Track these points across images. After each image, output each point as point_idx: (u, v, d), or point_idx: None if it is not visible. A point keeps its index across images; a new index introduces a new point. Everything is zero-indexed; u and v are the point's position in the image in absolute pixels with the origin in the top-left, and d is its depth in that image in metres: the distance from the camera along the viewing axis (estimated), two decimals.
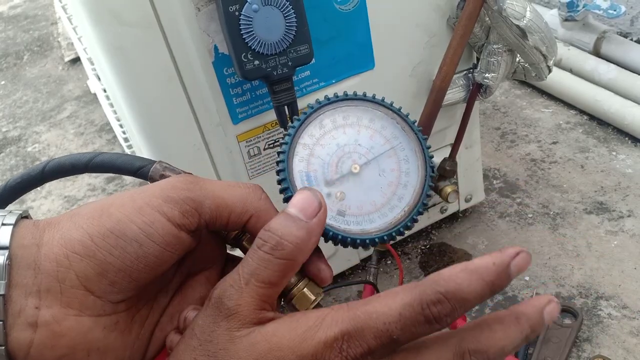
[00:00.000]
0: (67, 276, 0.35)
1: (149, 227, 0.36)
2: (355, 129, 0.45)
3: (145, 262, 0.37)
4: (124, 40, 0.64)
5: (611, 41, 1.40)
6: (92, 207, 0.37)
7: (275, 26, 0.63)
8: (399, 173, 0.44)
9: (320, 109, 0.44)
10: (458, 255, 1.06)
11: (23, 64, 2.21)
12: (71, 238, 0.35)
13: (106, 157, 0.44)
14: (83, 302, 0.36)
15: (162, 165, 0.44)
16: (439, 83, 0.81)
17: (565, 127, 1.32)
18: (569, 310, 0.91)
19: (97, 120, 1.73)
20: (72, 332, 0.35)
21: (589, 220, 1.07)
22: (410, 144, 0.45)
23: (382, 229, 0.43)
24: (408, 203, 0.44)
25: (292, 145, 0.43)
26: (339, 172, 0.43)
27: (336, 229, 0.42)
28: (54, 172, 0.44)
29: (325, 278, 0.43)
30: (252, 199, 0.40)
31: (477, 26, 0.80)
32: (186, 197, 0.38)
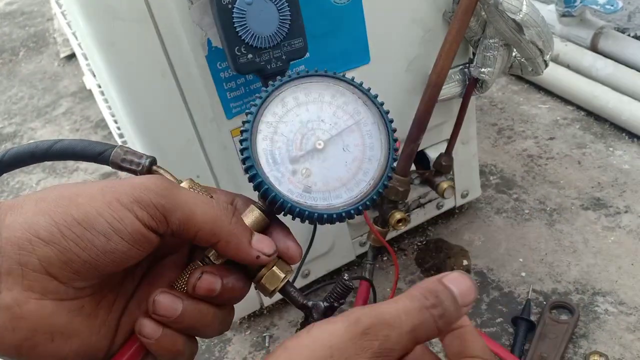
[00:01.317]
0: (30, 260, 0.34)
1: (118, 223, 0.36)
2: (317, 105, 0.45)
3: (112, 257, 0.36)
4: (117, 34, 0.63)
5: (608, 37, 1.39)
6: (59, 194, 0.37)
7: (269, 19, 0.62)
8: (363, 147, 0.45)
9: (282, 86, 0.44)
10: (454, 251, 1.05)
11: (19, 60, 2.20)
12: (35, 223, 0.35)
13: (66, 143, 0.43)
14: (45, 286, 0.35)
15: (123, 149, 0.43)
16: (434, 78, 0.81)
17: (562, 123, 1.32)
18: (566, 306, 0.90)
19: (93, 116, 1.72)
20: (34, 315, 0.35)
21: (585, 216, 1.07)
22: (373, 118, 0.45)
23: (349, 203, 0.43)
24: (373, 177, 0.44)
25: (255, 124, 0.43)
26: (304, 149, 0.43)
27: (302, 206, 0.42)
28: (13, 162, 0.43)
29: (293, 256, 0.43)
30: (222, 223, 0.39)
31: (473, 20, 0.79)
32: (157, 202, 0.37)
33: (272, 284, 0.43)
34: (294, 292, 0.44)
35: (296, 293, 0.44)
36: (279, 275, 0.43)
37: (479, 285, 0.98)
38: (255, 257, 0.41)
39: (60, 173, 1.51)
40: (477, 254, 1.04)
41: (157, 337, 0.39)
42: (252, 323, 1.00)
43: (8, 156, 0.43)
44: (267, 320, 1.00)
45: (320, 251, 0.95)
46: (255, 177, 0.42)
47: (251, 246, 0.40)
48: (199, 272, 0.41)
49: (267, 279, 0.43)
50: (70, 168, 1.52)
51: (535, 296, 0.94)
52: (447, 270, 0.99)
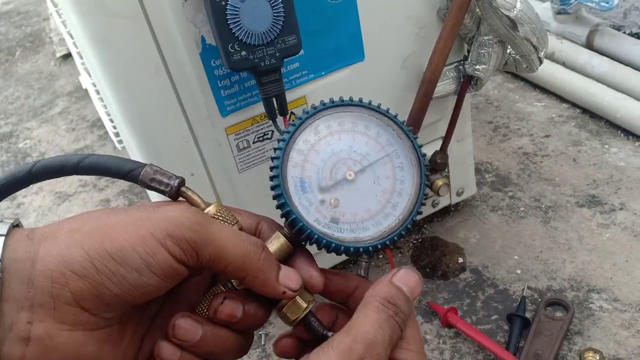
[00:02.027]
0: (62, 293, 0.35)
1: (151, 258, 0.36)
2: (350, 135, 0.44)
3: (143, 290, 0.37)
4: (110, 31, 0.63)
5: (604, 34, 1.39)
6: (94, 226, 0.37)
7: (262, 16, 0.62)
8: (394, 181, 0.44)
9: (316, 114, 0.44)
10: (450, 249, 1.05)
11: (15, 60, 2.19)
12: (70, 257, 0.35)
13: (95, 158, 0.43)
14: (76, 318, 0.36)
15: (152, 168, 0.43)
16: (429, 75, 0.81)
17: (557, 121, 1.32)
18: (561, 303, 0.91)
19: (89, 116, 1.72)
20: (65, 346, 0.36)
21: (580, 213, 1.07)
22: (405, 151, 0.45)
23: (376, 237, 0.43)
24: (402, 211, 0.43)
25: (287, 151, 0.42)
26: (333, 179, 0.43)
27: (329, 237, 0.42)
28: (41, 174, 0.43)
29: (316, 285, 0.43)
30: (252, 259, 0.40)
31: (468, 17, 0.79)
32: (190, 237, 0.38)
33: (293, 314, 0.43)
34: (314, 322, 0.44)
35: (317, 323, 0.44)
36: (301, 305, 0.43)
37: (474, 283, 0.98)
38: (281, 293, 0.41)
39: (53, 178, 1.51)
40: (473, 251, 1.04)
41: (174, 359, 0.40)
42: None
43: (37, 168, 0.43)
44: None
45: (315, 249, 0.95)
46: (284, 205, 0.41)
47: (278, 282, 0.41)
48: (221, 297, 0.41)
49: (289, 309, 0.43)
50: None
51: (530, 293, 0.94)
52: (443, 268, 1.00)
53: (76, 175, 0.44)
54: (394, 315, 0.39)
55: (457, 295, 0.97)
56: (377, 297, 0.40)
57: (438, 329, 0.92)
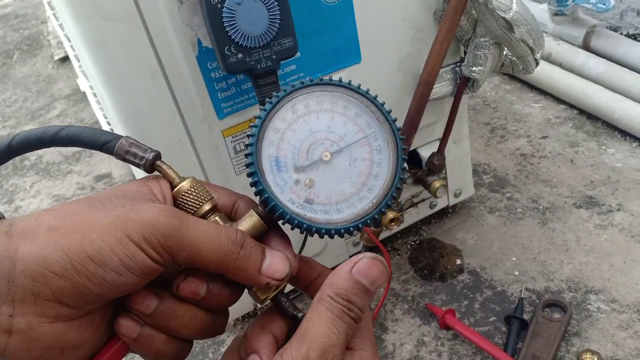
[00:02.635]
0: (43, 291, 0.36)
1: (130, 260, 0.37)
2: (329, 115, 0.44)
3: (122, 288, 0.38)
4: (106, 34, 0.63)
5: (601, 35, 1.39)
6: (72, 227, 0.37)
7: (258, 19, 0.62)
8: (371, 163, 0.43)
9: (294, 92, 0.43)
10: (448, 250, 1.05)
11: (13, 63, 2.20)
12: (49, 258, 0.36)
13: (72, 130, 0.44)
14: (57, 312, 0.37)
15: (128, 141, 0.43)
16: (425, 77, 0.81)
17: (554, 122, 1.32)
18: (558, 305, 0.91)
19: (87, 118, 1.72)
20: (47, 336, 0.36)
21: (578, 214, 1.07)
22: (383, 134, 0.44)
23: (349, 220, 0.42)
24: (377, 195, 0.43)
25: (262, 129, 0.42)
26: (309, 159, 0.43)
27: (302, 218, 0.41)
28: (20, 147, 0.44)
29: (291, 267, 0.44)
30: (229, 258, 0.40)
31: (464, 19, 0.79)
32: (164, 243, 0.38)
33: (264, 293, 0.43)
34: (285, 301, 0.44)
35: (287, 303, 0.44)
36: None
37: (472, 285, 0.98)
38: (264, 284, 0.41)
39: (54, 176, 1.51)
40: (470, 253, 1.04)
41: (134, 336, 0.41)
42: (245, 324, 0.99)
43: (16, 141, 0.44)
44: None
45: (313, 251, 0.95)
46: (257, 184, 0.41)
47: (260, 274, 0.41)
48: (184, 274, 0.42)
49: (259, 288, 0.43)
50: (64, 171, 1.52)
51: (528, 295, 0.94)
52: (441, 270, 1.00)
53: (54, 147, 0.44)
54: (349, 311, 0.40)
55: (455, 297, 0.97)
56: (331, 291, 0.40)
57: (436, 330, 0.92)
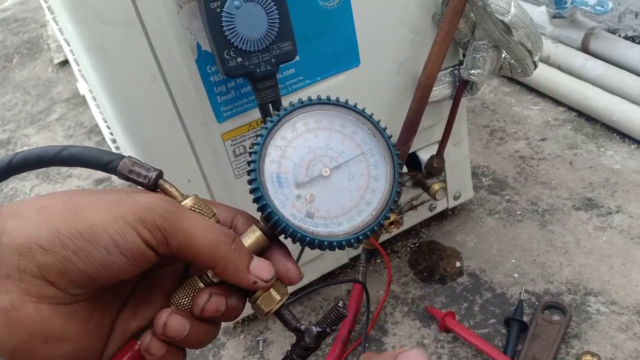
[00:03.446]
0: (28, 266, 0.35)
1: (121, 238, 0.37)
2: (327, 133, 0.45)
3: (109, 270, 0.37)
4: (106, 39, 0.63)
5: (599, 37, 1.40)
6: (64, 205, 0.37)
7: (257, 23, 0.63)
8: (368, 178, 0.45)
9: (294, 111, 0.45)
10: (447, 253, 1.06)
11: (12, 66, 2.20)
12: (37, 232, 0.35)
13: (74, 150, 0.43)
14: (42, 291, 0.36)
15: (131, 160, 0.43)
16: (424, 80, 0.81)
17: (553, 124, 1.32)
18: (558, 307, 0.91)
19: (87, 122, 1.72)
20: (30, 319, 0.35)
21: (577, 216, 1.08)
22: (380, 150, 0.46)
23: (350, 232, 0.44)
24: (376, 208, 0.45)
25: (264, 146, 0.43)
26: (310, 175, 0.44)
27: (304, 231, 0.43)
28: (21, 165, 0.44)
29: (293, 278, 0.44)
30: (221, 249, 0.40)
31: (462, 22, 0.80)
32: (160, 224, 0.38)
33: (267, 306, 0.43)
34: (288, 314, 0.45)
35: (290, 316, 0.45)
36: (274, 298, 0.43)
37: (471, 287, 0.98)
38: (252, 283, 0.41)
39: (54, 179, 1.51)
40: (470, 255, 1.04)
41: (161, 354, 0.41)
42: (245, 327, 1.00)
43: (17, 159, 0.44)
44: (261, 324, 1.00)
45: (313, 254, 0.95)
46: (260, 199, 0.42)
47: (249, 272, 0.41)
48: (207, 294, 0.41)
49: (263, 301, 0.43)
50: (64, 174, 1.52)
51: (527, 297, 0.94)
52: (440, 272, 1.00)
53: (55, 166, 0.44)
54: None
55: (454, 299, 0.97)
56: None
57: (436, 333, 0.92)
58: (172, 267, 0.45)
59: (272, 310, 0.44)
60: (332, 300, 1.01)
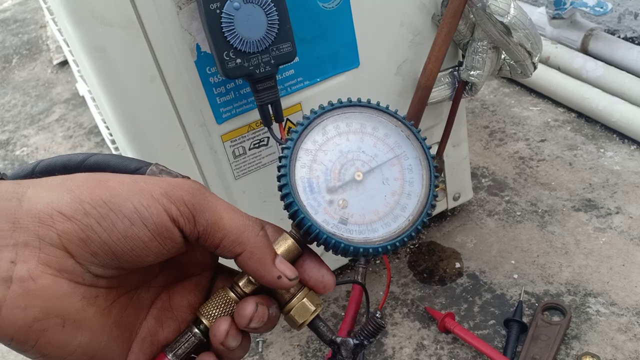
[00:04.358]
0: (48, 234, 0.33)
1: (145, 210, 0.35)
2: (358, 136, 0.44)
3: (132, 244, 0.35)
4: (105, 40, 0.63)
5: (599, 39, 1.40)
6: (88, 176, 0.36)
7: (257, 24, 0.63)
8: (403, 182, 0.43)
9: (323, 114, 0.43)
10: (447, 254, 1.06)
11: (12, 67, 2.20)
12: (59, 199, 0.34)
13: (99, 158, 0.43)
14: (62, 263, 0.34)
15: (158, 167, 0.43)
16: (424, 81, 0.81)
17: (553, 125, 1.32)
18: (558, 308, 0.91)
19: (86, 123, 1.72)
20: (48, 292, 0.33)
21: (577, 217, 1.07)
22: (414, 152, 0.44)
23: (386, 239, 0.42)
24: (412, 212, 0.43)
25: (295, 151, 0.42)
26: (342, 180, 0.42)
27: (339, 238, 0.41)
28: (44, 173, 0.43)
29: (328, 285, 0.42)
30: (249, 233, 0.38)
31: (462, 23, 0.80)
32: (187, 200, 0.36)
33: (301, 317, 0.42)
34: (323, 326, 0.43)
35: (325, 328, 0.43)
36: (309, 308, 0.41)
37: (471, 288, 0.98)
38: (276, 277, 0.39)
39: None
40: (470, 256, 1.04)
41: None
42: None
43: (40, 167, 0.43)
44: None
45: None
46: (292, 205, 0.41)
47: (274, 265, 0.39)
48: (253, 304, 0.40)
49: (297, 311, 0.41)
50: None
51: (527, 298, 0.94)
52: (440, 273, 1.00)
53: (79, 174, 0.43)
54: None
55: (454, 300, 0.97)
56: None
57: (435, 334, 0.92)
58: (198, 278, 0.44)
59: (307, 322, 0.42)
60: (331, 302, 1.01)
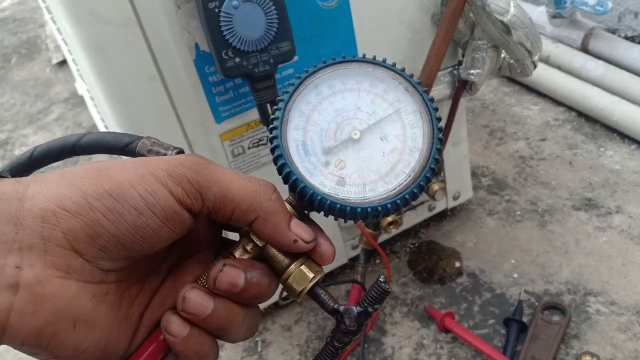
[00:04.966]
0: (53, 233, 0.32)
1: (151, 196, 0.34)
2: (355, 94, 0.41)
3: (142, 233, 0.34)
4: (104, 39, 0.63)
5: (599, 38, 1.40)
6: (88, 167, 0.35)
7: (255, 23, 0.62)
8: (404, 138, 0.41)
9: (316, 72, 0.41)
10: (447, 253, 1.05)
11: (11, 66, 2.20)
12: (62, 194, 0.33)
13: (93, 136, 0.42)
14: (70, 263, 0.33)
15: (150, 140, 0.42)
16: (423, 80, 0.81)
17: (553, 124, 1.32)
18: (558, 307, 0.90)
19: (85, 122, 1.72)
20: (57, 296, 0.32)
21: (577, 216, 1.07)
22: (415, 106, 0.41)
23: (386, 197, 0.39)
24: (414, 168, 0.40)
25: (286, 112, 0.40)
26: (338, 139, 0.40)
27: (334, 198, 0.39)
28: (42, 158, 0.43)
29: (326, 254, 0.40)
30: (261, 199, 0.37)
31: (462, 22, 0.79)
32: (192, 177, 0.35)
33: (299, 285, 0.39)
34: (323, 294, 0.40)
35: (326, 296, 0.41)
36: (307, 275, 0.39)
37: (471, 288, 0.98)
38: (292, 241, 0.38)
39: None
40: (469, 255, 1.04)
41: (184, 335, 0.37)
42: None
43: (37, 152, 0.43)
44: (260, 325, 0.99)
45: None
46: (284, 167, 0.39)
47: (290, 229, 0.38)
48: (220, 264, 0.37)
49: (295, 279, 0.39)
50: None
51: (527, 297, 0.94)
52: (440, 272, 1.00)
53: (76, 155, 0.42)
54: None
55: (454, 299, 0.97)
56: None
57: (435, 333, 0.92)
58: (204, 253, 0.42)
59: (306, 290, 0.40)
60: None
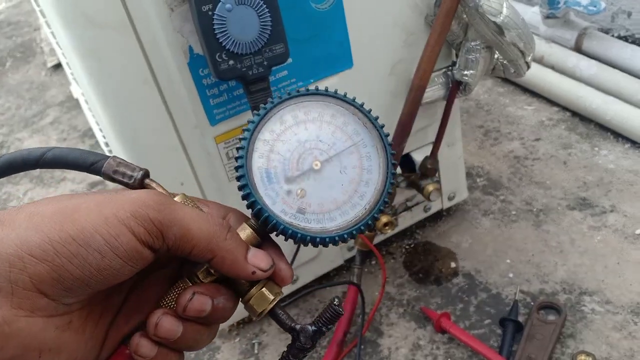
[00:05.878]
0: (20, 278, 0.34)
1: (114, 240, 0.35)
2: (316, 124, 0.44)
3: (105, 274, 0.36)
4: (97, 42, 0.63)
5: (592, 37, 1.40)
6: (54, 209, 0.36)
7: (249, 25, 0.63)
8: (361, 170, 0.44)
9: (281, 103, 0.43)
10: (442, 253, 1.06)
11: (5, 70, 2.19)
12: (29, 240, 0.34)
13: (58, 152, 0.42)
14: (35, 303, 0.35)
15: (115, 160, 0.43)
16: (417, 81, 0.81)
17: (548, 124, 1.32)
18: (553, 307, 0.91)
19: (80, 125, 1.72)
20: (23, 333, 0.34)
21: (572, 216, 1.08)
22: (372, 140, 0.44)
23: (343, 227, 0.42)
24: (369, 201, 0.43)
25: (252, 141, 0.42)
26: (300, 169, 0.42)
27: (295, 227, 0.41)
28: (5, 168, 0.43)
29: (285, 277, 0.43)
30: (218, 239, 0.39)
31: (455, 23, 0.80)
32: (155, 217, 0.37)
33: (260, 306, 0.42)
34: (282, 314, 0.44)
35: (284, 316, 0.44)
36: (268, 297, 0.42)
37: (467, 288, 0.98)
38: (251, 273, 0.40)
39: (47, 183, 1.50)
40: (465, 256, 1.04)
41: (152, 356, 0.39)
42: (241, 330, 0.99)
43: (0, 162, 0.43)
44: (256, 327, 0.99)
45: (308, 256, 0.95)
46: (249, 196, 0.41)
47: (247, 261, 0.40)
48: (190, 293, 0.40)
49: (256, 300, 0.42)
50: (58, 178, 1.52)
51: (522, 297, 0.94)
52: (436, 273, 1.00)
53: (40, 168, 0.43)
54: None
55: (450, 300, 0.97)
56: None
57: (431, 334, 0.92)
58: (166, 270, 0.44)
59: (266, 311, 0.43)
60: (326, 303, 1.01)
